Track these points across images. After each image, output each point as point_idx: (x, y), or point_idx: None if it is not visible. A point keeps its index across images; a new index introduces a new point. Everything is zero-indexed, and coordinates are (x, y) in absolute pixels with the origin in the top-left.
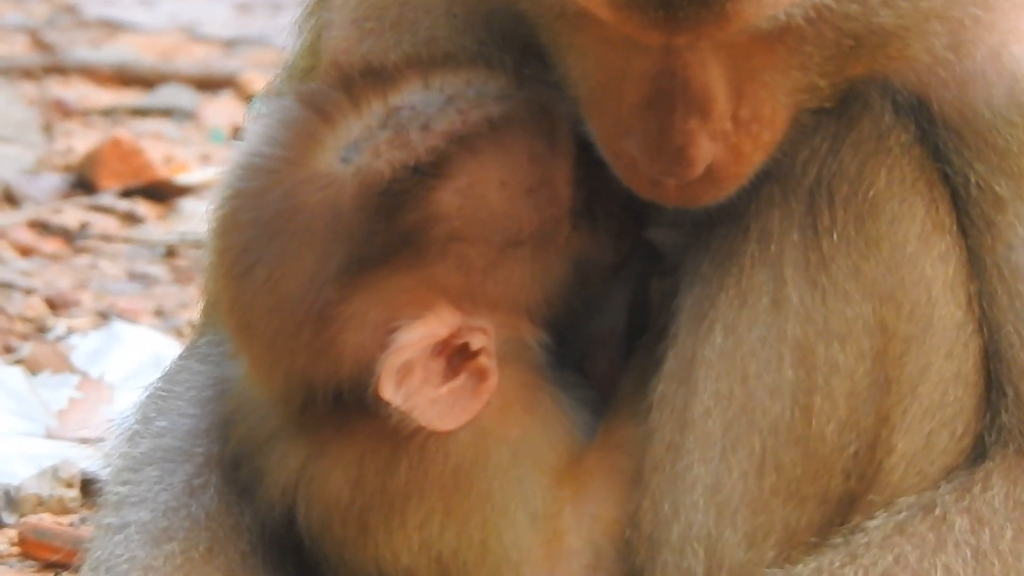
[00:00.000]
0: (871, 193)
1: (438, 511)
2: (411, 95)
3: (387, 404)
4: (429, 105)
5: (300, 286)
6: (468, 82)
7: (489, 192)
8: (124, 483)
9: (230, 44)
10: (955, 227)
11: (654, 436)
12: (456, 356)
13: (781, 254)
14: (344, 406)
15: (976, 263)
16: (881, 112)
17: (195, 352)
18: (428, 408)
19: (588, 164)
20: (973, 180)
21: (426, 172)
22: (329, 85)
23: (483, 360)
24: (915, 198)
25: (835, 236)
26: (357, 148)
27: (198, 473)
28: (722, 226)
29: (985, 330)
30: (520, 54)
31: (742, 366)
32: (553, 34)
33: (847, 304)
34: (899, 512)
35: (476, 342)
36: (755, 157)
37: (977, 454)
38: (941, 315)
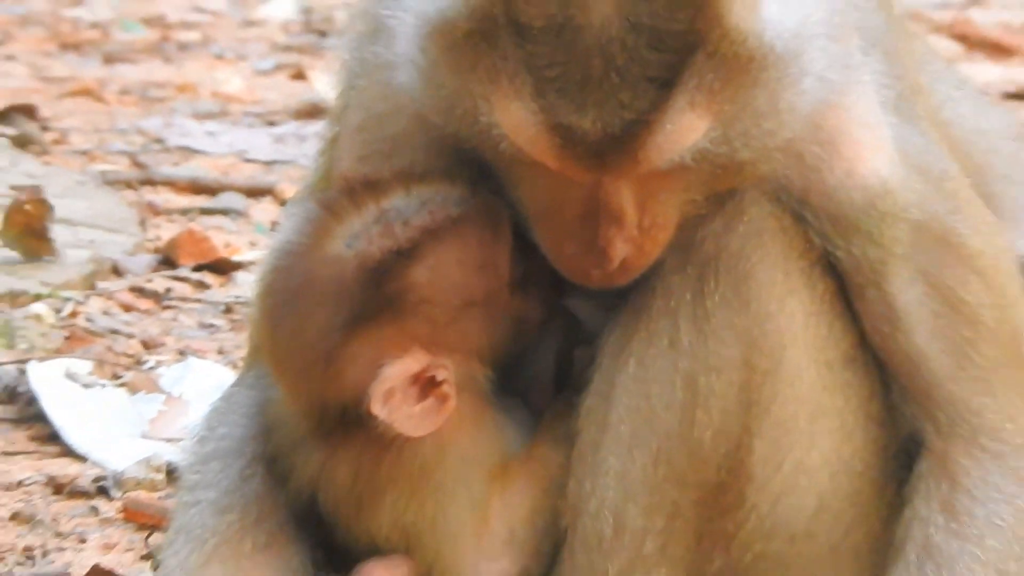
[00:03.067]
0: (747, 266)
1: (405, 494)
2: (396, 200)
3: (376, 418)
4: (408, 207)
5: (315, 336)
6: (436, 191)
7: (450, 269)
8: (196, 472)
9: (270, 164)
10: (806, 288)
11: (581, 435)
12: (426, 384)
13: (678, 309)
14: (347, 420)
15: (869, 313)
16: (764, 205)
17: (244, 381)
18: (405, 421)
19: (523, 249)
20: (853, 252)
21: (405, 255)
22: (339, 192)
23: (445, 388)
24: (776, 271)
25: (717, 298)
26: (357, 237)
27: (248, 466)
28: (637, 286)
29: (888, 361)
30: (476, 171)
31: (647, 388)
32: (509, 172)
33: (723, 347)
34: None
35: (440, 375)
36: (654, 252)
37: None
38: (790, 355)
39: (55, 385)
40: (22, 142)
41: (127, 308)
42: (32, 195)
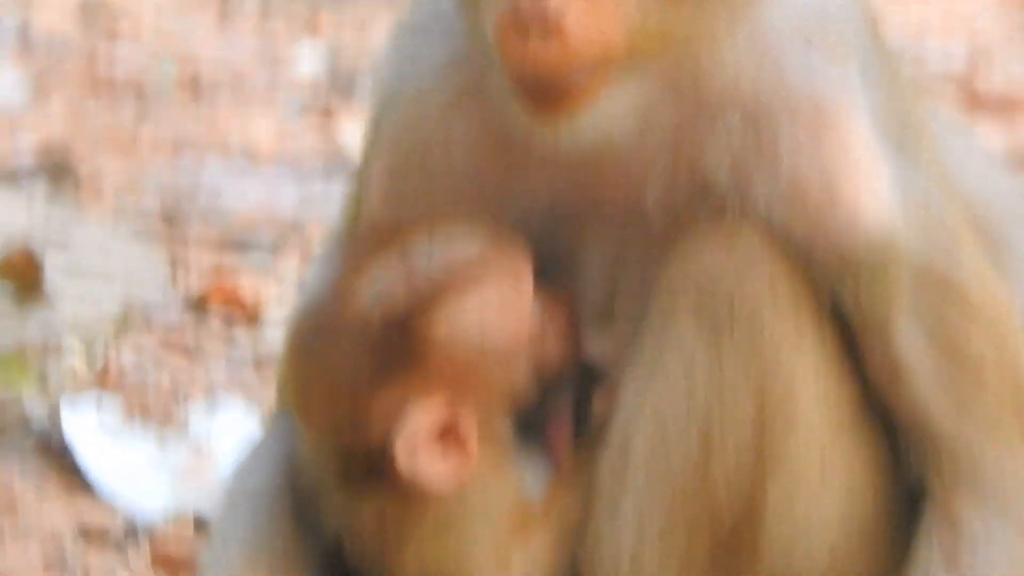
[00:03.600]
0: (760, 321)
1: (430, 539)
2: (418, 251)
3: (400, 467)
4: (430, 258)
5: (340, 386)
6: (458, 241)
7: (470, 320)
8: (225, 520)
9: (298, 216)
10: (816, 341)
11: (599, 486)
12: (449, 436)
13: (693, 363)
14: (372, 469)
15: (872, 363)
16: (775, 259)
17: (273, 429)
18: (428, 470)
19: (545, 301)
20: (860, 299)
21: (426, 306)
22: (364, 244)
23: (468, 440)
24: (788, 324)
25: (732, 352)
26: (381, 289)
27: (276, 514)
28: (652, 336)
29: (898, 410)
30: (499, 220)
31: (663, 441)
32: None
33: (736, 400)
34: None
35: (463, 427)
36: (594, 37)
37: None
38: (802, 407)
39: (86, 432)
40: (56, 192)
41: (158, 357)
42: (21, 249)
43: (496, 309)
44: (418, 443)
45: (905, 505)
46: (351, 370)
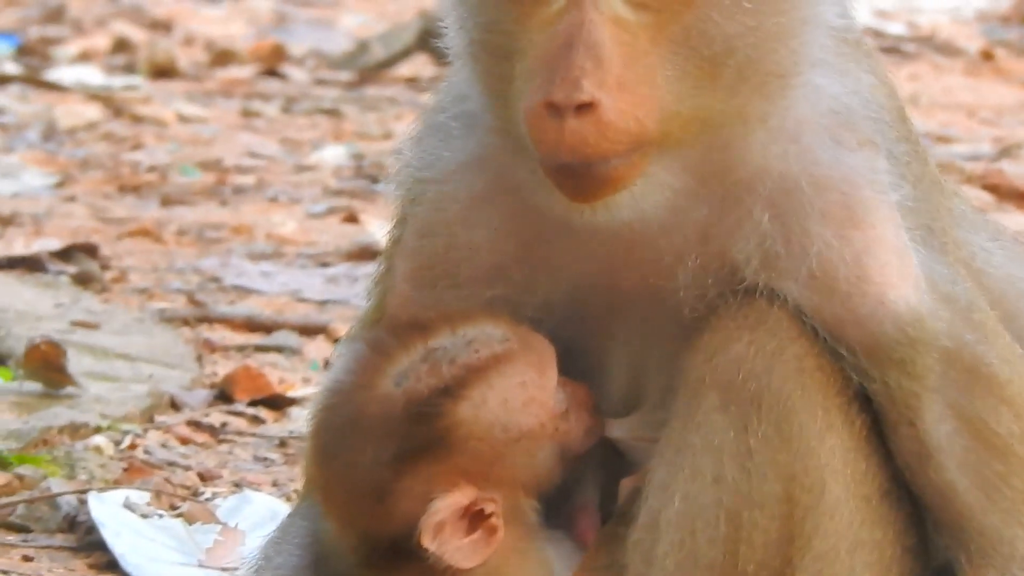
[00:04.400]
0: (788, 404)
1: None
2: (442, 339)
3: (427, 550)
4: (454, 346)
5: (365, 471)
6: (481, 329)
7: (495, 406)
8: None
9: (323, 304)
10: (844, 424)
11: (628, 569)
12: (475, 517)
13: (722, 447)
14: (398, 552)
15: (900, 444)
16: (803, 344)
17: (299, 512)
18: (455, 552)
19: (567, 386)
20: (888, 383)
21: (451, 393)
22: (388, 332)
23: (493, 520)
24: (816, 408)
25: (760, 435)
26: (405, 376)
27: None
28: (680, 419)
29: (926, 495)
30: (520, 309)
31: (692, 523)
32: (507, 27)
33: (764, 482)
34: None
35: (488, 508)
36: (631, 126)
37: None
38: (830, 489)
39: (114, 515)
40: (83, 280)
41: (184, 441)
42: (46, 339)
43: (519, 396)
44: (444, 523)
45: None
46: (375, 454)
